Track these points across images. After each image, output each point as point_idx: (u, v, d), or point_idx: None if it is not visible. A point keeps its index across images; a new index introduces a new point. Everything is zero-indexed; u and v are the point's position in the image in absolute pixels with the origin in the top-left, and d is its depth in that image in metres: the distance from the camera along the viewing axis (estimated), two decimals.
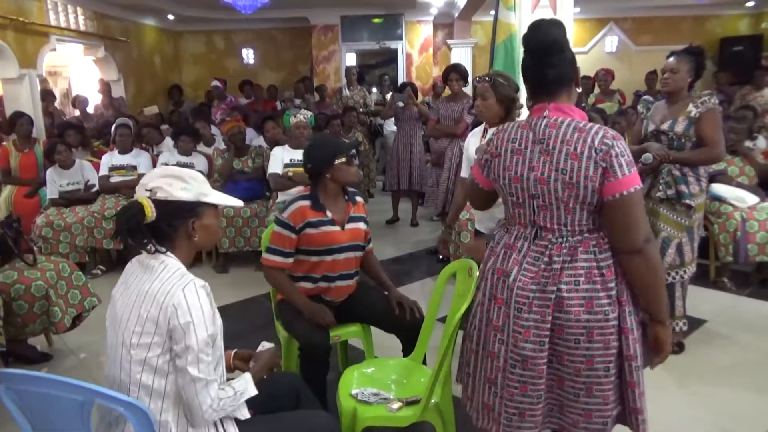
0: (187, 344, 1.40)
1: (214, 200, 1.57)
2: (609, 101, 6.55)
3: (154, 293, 1.42)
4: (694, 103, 2.91)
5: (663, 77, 3.01)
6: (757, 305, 3.74)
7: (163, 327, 1.41)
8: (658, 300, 1.57)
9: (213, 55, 10.23)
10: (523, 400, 1.61)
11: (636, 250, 1.49)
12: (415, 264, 4.82)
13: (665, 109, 3.05)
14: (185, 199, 1.50)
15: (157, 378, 1.43)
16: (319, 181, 2.42)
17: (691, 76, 2.96)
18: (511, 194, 1.64)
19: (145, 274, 1.48)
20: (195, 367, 1.41)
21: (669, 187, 2.99)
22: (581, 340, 1.53)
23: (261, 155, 4.87)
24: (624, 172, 1.46)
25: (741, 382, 2.78)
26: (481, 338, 1.72)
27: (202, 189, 1.55)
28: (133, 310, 1.44)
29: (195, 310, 1.41)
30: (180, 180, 1.52)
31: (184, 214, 1.51)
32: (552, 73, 1.57)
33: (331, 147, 2.41)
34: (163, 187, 1.49)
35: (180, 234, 1.52)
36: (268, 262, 2.40)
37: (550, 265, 1.56)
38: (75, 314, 3.16)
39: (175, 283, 1.43)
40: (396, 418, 1.95)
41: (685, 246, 3.00)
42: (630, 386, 1.58)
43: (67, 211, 4.68)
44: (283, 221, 2.38)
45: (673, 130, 2.96)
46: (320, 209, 2.38)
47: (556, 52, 1.56)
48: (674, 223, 3.00)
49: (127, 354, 1.43)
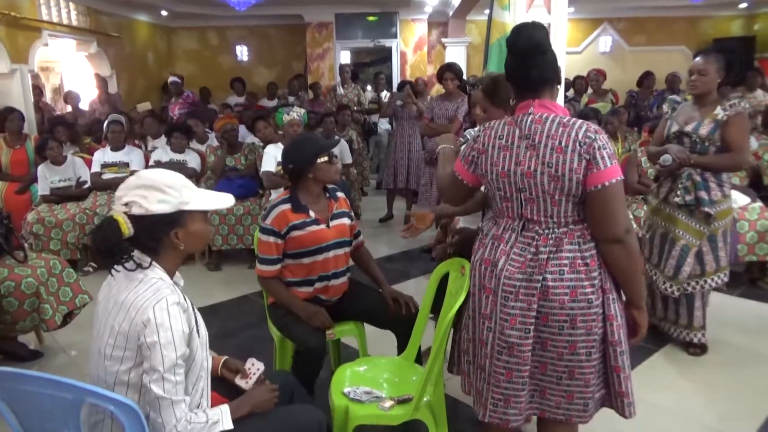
0: (152, 364, 1.35)
1: (196, 207, 1.48)
2: (602, 101, 6.58)
3: (127, 307, 1.38)
4: (723, 106, 2.77)
5: (691, 79, 2.84)
6: (748, 305, 3.76)
7: (133, 342, 1.37)
8: (636, 286, 1.65)
9: (206, 51, 10.20)
10: (508, 387, 1.68)
11: (617, 240, 1.56)
12: (408, 262, 4.82)
13: (692, 110, 2.90)
14: (163, 212, 1.42)
15: (130, 392, 1.41)
16: (300, 182, 2.41)
17: (721, 76, 2.80)
18: (499, 189, 1.69)
19: (124, 283, 1.43)
20: (159, 386, 1.36)
21: (688, 193, 2.84)
22: (565, 327, 1.60)
23: (254, 152, 4.86)
24: (606, 164, 1.53)
25: (731, 382, 2.80)
26: (473, 327, 1.78)
27: (183, 197, 1.45)
28: (108, 321, 1.42)
29: (163, 329, 1.35)
30: (157, 191, 1.42)
31: (164, 226, 1.44)
32: (536, 74, 1.64)
33: (312, 146, 2.39)
34: (138, 201, 1.41)
35: (165, 245, 1.46)
36: (260, 272, 2.40)
37: (536, 256, 1.62)
38: (66, 312, 3.13)
39: (148, 298, 1.38)
40: (388, 417, 1.95)
41: (706, 255, 2.88)
42: (615, 371, 1.65)
43: (59, 207, 4.65)
44: (266, 228, 2.36)
45: (697, 132, 2.81)
46: (302, 210, 2.37)
47: (540, 54, 1.63)
48: (693, 231, 2.87)
49: (103, 363, 1.42)
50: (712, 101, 2.84)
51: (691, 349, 3.04)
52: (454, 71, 4.69)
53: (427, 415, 1.99)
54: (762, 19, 9.68)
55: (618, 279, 1.63)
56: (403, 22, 9.20)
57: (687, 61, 9.53)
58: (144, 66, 9.15)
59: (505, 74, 1.74)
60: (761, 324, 3.46)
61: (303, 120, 4.36)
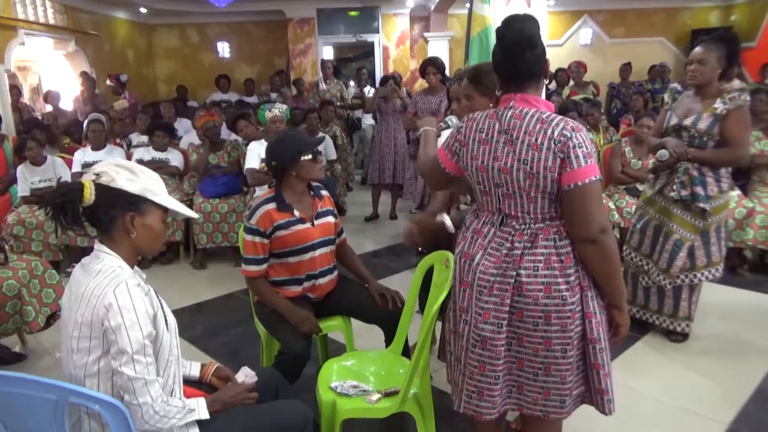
0: (120, 347, 1.35)
1: (161, 201, 1.50)
2: (583, 93, 6.63)
3: (87, 296, 1.39)
4: (722, 99, 2.68)
5: (690, 69, 2.74)
6: (728, 292, 3.83)
7: (98, 330, 1.37)
8: (614, 287, 1.62)
9: (187, 49, 10.10)
10: (481, 379, 1.68)
11: (590, 240, 1.54)
12: (394, 257, 4.84)
13: (692, 102, 2.81)
14: (128, 189, 1.45)
15: (102, 381, 1.40)
16: (283, 180, 2.39)
17: (722, 65, 2.69)
18: (479, 182, 1.69)
19: (83, 278, 1.44)
20: (131, 368, 1.36)
21: (684, 188, 2.80)
22: (539, 323, 1.59)
23: (237, 149, 4.82)
24: (580, 163, 1.50)
25: (711, 368, 2.86)
26: (453, 319, 1.80)
27: (151, 186, 1.49)
28: (71, 315, 1.41)
29: (126, 311, 1.35)
30: (129, 171, 1.47)
31: (123, 205, 1.45)
32: (523, 68, 1.60)
33: (296, 144, 2.36)
34: (109, 173, 1.45)
35: (117, 226, 1.46)
36: (247, 273, 2.38)
37: (511, 251, 1.61)
38: (49, 313, 3.10)
39: (107, 284, 1.38)
40: (375, 410, 1.95)
41: (697, 250, 2.86)
42: (594, 368, 1.63)
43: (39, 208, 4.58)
44: (251, 228, 2.33)
45: (696, 126, 2.74)
46: (286, 209, 2.35)
47: (528, 48, 1.59)
48: (688, 225, 2.84)
49: (71, 359, 1.41)
50: (713, 93, 2.75)
51: (673, 336, 3.09)
52: (437, 66, 4.71)
53: (414, 408, 2.00)
54: (738, 9, 9.81)
55: (595, 278, 1.61)
56: (384, 16, 9.18)
57: (666, 52, 9.70)
58: (124, 64, 9.03)
59: (491, 64, 1.70)
60: (741, 311, 3.53)
61: (286, 116, 4.35)
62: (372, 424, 2.42)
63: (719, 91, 2.74)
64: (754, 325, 3.29)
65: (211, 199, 4.61)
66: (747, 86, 6.32)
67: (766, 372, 2.78)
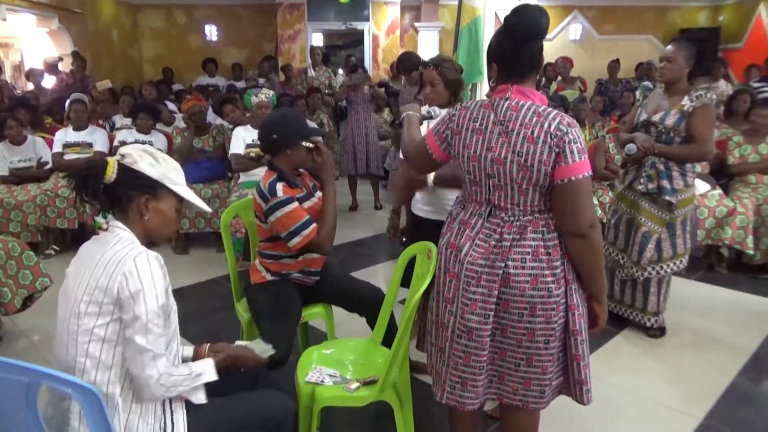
0: (135, 313, 1.38)
1: (178, 190, 1.56)
2: (570, 89, 6.66)
3: (105, 262, 1.42)
4: (690, 97, 2.78)
5: (660, 66, 2.86)
6: (705, 289, 3.89)
7: (113, 296, 1.39)
8: (597, 280, 1.65)
9: (174, 30, 9.94)
10: (465, 370, 1.69)
11: (580, 234, 1.56)
12: (378, 247, 4.83)
13: (662, 99, 2.91)
14: (148, 173, 1.51)
15: (105, 348, 1.41)
16: (275, 158, 2.34)
17: (690, 65, 2.80)
18: (469, 172, 1.69)
19: (98, 247, 1.48)
20: (143, 337, 1.39)
21: (651, 181, 2.90)
22: (524, 314, 1.61)
23: (222, 134, 4.77)
24: (575, 159, 1.52)
25: (688, 363, 2.90)
26: (437, 309, 1.80)
27: (171, 175, 1.55)
28: (83, 280, 1.43)
29: (146, 278, 1.39)
30: (152, 157, 1.53)
31: (141, 187, 1.51)
32: (527, 59, 1.61)
33: (302, 126, 2.35)
34: (134, 155, 1.51)
35: (132, 207, 1.51)
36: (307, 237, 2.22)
37: (500, 243, 1.62)
38: (26, 295, 3.06)
39: (127, 252, 1.42)
40: (353, 398, 1.95)
41: (664, 242, 2.96)
42: (575, 359, 1.66)
43: (18, 188, 4.50)
44: (282, 200, 2.21)
45: (663, 122, 2.84)
46: (296, 186, 2.32)
47: (536, 40, 1.60)
48: (655, 218, 2.94)
49: (75, 324, 1.41)
50: (681, 90, 2.84)
51: (650, 331, 3.14)
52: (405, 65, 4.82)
53: (393, 397, 2.00)
54: (726, 10, 9.90)
55: (580, 271, 1.63)
56: (375, 4, 9.11)
57: (654, 50, 9.75)
58: (109, 44, 8.88)
59: (487, 52, 1.69)
60: (718, 307, 3.59)
61: (272, 102, 4.30)
62: (350, 413, 2.42)
63: (687, 89, 2.83)
64: (730, 323, 3.35)
65: (194, 183, 4.55)
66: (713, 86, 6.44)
67: (739, 368, 2.83)
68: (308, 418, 1.97)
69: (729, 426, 2.37)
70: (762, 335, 3.17)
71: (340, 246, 4.67)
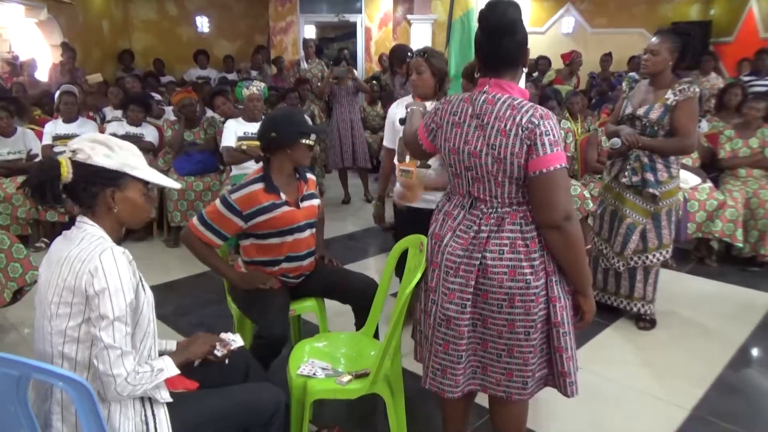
0: (101, 312, 1.35)
1: (140, 174, 1.49)
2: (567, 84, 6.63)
3: (71, 260, 1.39)
4: (673, 90, 2.79)
5: (644, 58, 2.87)
6: (696, 282, 3.92)
7: (81, 295, 1.36)
8: (579, 273, 1.65)
9: (165, 22, 9.82)
10: (445, 358, 1.72)
11: (554, 226, 1.57)
12: (370, 240, 4.84)
13: (647, 92, 2.92)
14: (105, 165, 1.44)
15: (80, 349, 1.40)
16: (275, 157, 2.34)
17: (674, 57, 2.80)
18: (451, 165, 1.73)
19: (64, 245, 1.45)
20: (109, 335, 1.35)
21: (635, 174, 2.92)
22: (503, 305, 1.63)
23: (214, 126, 4.74)
24: (546, 151, 1.53)
25: (678, 354, 2.93)
26: (424, 298, 1.85)
27: (129, 161, 1.48)
28: (52, 281, 1.41)
29: (111, 276, 1.36)
30: (105, 147, 1.46)
31: (102, 181, 1.45)
32: (502, 53, 1.62)
33: (301, 124, 2.32)
34: (85, 150, 1.43)
35: (98, 202, 1.47)
36: (197, 231, 2.26)
37: (478, 234, 1.65)
38: (16, 288, 3.03)
39: (93, 249, 1.38)
40: (345, 391, 1.96)
41: (649, 232, 2.98)
42: (558, 351, 1.67)
43: (8, 181, 4.45)
44: (229, 202, 2.26)
45: (647, 116, 2.85)
46: (273, 191, 2.30)
47: (508, 35, 1.60)
48: (640, 209, 2.97)
49: (49, 326, 1.40)
50: (666, 83, 2.85)
51: (641, 323, 3.16)
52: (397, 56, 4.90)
53: (384, 389, 2.01)
54: (717, 4, 9.91)
55: (560, 264, 1.64)
56: None
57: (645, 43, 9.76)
58: (99, 36, 8.77)
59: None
60: (707, 299, 3.61)
61: (263, 94, 4.28)
62: (342, 405, 2.43)
63: (672, 82, 2.83)
64: (719, 315, 3.37)
65: (185, 176, 4.53)
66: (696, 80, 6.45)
67: (728, 360, 2.86)
68: (300, 411, 1.97)
69: (717, 417, 2.40)
70: (751, 327, 3.20)
71: (332, 239, 4.67)
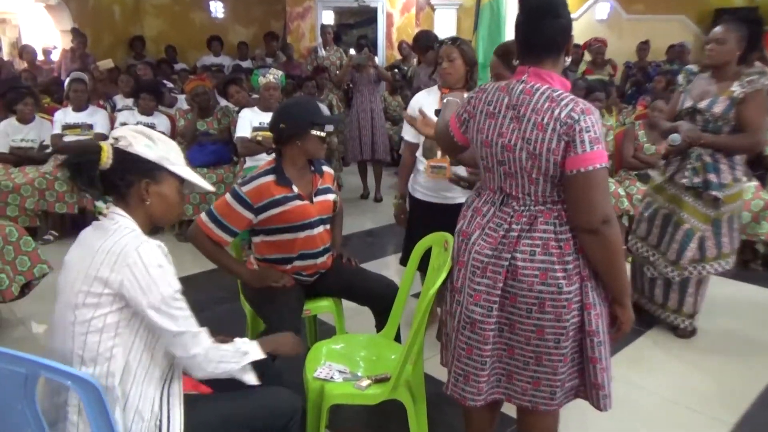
0: (155, 305, 1.35)
1: (178, 171, 1.50)
2: (600, 73, 6.37)
3: (105, 252, 1.37)
4: (740, 82, 2.58)
5: (708, 48, 2.65)
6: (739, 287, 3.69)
7: (113, 288, 1.35)
8: (615, 281, 1.56)
9: (177, 6, 9.69)
10: (468, 363, 1.64)
11: (591, 230, 1.47)
12: (389, 237, 4.70)
13: (708, 84, 2.72)
14: (145, 156, 1.45)
15: (103, 340, 1.37)
16: (286, 148, 2.24)
17: (742, 48, 2.61)
18: (482, 157, 1.64)
19: (98, 235, 1.43)
20: (171, 323, 1.38)
21: (696, 174, 2.72)
22: (533, 310, 1.54)
23: (228, 116, 4.61)
24: (585, 149, 1.43)
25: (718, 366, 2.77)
26: (449, 299, 1.76)
27: (169, 155, 1.49)
28: (81, 270, 1.39)
29: (153, 267, 1.36)
30: (147, 138, 1.48)
31: (139, 170, 1.45)
32: (540, 37, 1.53)
33: (312, 113, 2.21)
34: (128, 138, 1.45)
35: (132, 193, 1.46)
36: (206, 228, 2.16)
37: (508, 233, 1.56)
38: (24, 282, 2.98)
39: (128, 242, 1.37)
40: (364, 396, 1.89)
41: (708, 240, 2.77)
42: (591, 361, 1.57)
43: (16, 171, 4.40)
44: (240, 195, 2.16)
45: (710, 110, 2.64)
46: (286, 184, 2.20)
47: (550, 17, 1.51)
48: (700, 215, 2.76)
49: (72, 315, 1.38)
50: (730, 75, 2.64)
51: (679, 331, 3.00)
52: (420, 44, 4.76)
53: (406, 395, 1.92)
54: None
55: (596, 270, 1.54)
56: None
57: (686, 31, 9.33)
58: (110, 21, 8.67)
59: None
60: (751, 307, 3.43)
61: (281, 83, 4.14)
62: (360, 411, 2.35)
63: (737, 74, 2.65)
64: (764, 323, 3.20)
65: (198, 168, 4.41)
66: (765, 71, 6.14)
67: None
68: (317, 416, 1.91)
69: None
70: None
71: (350, 236, 4.54)
